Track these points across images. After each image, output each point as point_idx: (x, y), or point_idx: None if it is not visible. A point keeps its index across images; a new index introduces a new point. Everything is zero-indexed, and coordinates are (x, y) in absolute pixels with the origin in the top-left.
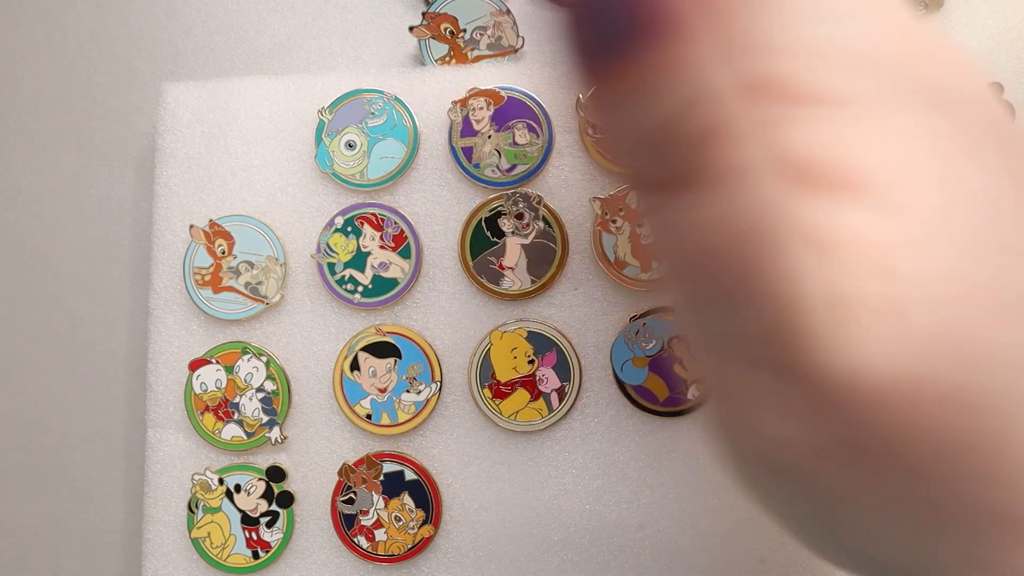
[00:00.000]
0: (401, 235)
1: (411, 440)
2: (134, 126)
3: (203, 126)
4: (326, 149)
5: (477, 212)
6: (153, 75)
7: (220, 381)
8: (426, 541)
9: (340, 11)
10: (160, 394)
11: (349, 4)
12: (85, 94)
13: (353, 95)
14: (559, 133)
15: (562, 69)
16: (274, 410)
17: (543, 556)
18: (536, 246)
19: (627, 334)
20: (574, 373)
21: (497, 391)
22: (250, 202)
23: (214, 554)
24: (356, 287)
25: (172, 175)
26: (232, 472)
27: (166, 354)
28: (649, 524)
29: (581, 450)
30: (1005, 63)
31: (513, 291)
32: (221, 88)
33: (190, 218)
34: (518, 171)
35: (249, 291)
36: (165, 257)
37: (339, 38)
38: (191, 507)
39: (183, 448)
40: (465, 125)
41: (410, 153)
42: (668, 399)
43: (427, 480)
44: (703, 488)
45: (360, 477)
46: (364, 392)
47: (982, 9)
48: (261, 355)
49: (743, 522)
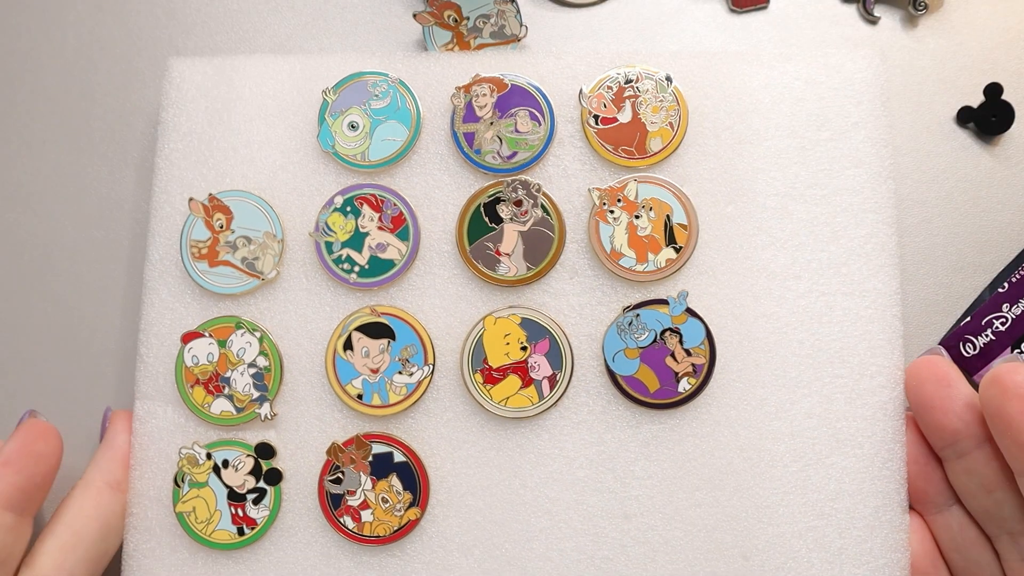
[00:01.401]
0: (400, 217)
1: (401, 422)
2: (136, 104)
3: (207, 101)
4: (329, 129)
5: (476, 197)
6: (154, 73)
7: (212, 355)
8: (412, 524)
9: (344, 6)
10: (151, 365)
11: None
12: (87, 74)
13: (358, 76)
14: (561, 123)
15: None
16: (265, 386)
17: (528, 543)
18: (533, 234)
19: (620, 325)
20: (566, 361)
21: (489, 376)
22: (251, 178)
23: (198, 529)
24: (353, 267)
25: (174, 148)
26: (220, 447)
27: (158, 325)
28: (635, 515)
29: (570, 439)
30: (1005, 63)
31: (509, 277)
32: (227, 65)
33: (190, 191)
34: (519, 158)
35: (245, 266)
36: (163, 229)
37: (344, 26)
38: (177, 481)
39: (172, 421)
40: (468, 111)
41: (412, 136)
42: (659, 391)
43: (416, 462)
44: (690, 481)
45: (349, 457)
46: (356, 372)
47: (982, 9)
48: (255, 330)
49: (729, 517)
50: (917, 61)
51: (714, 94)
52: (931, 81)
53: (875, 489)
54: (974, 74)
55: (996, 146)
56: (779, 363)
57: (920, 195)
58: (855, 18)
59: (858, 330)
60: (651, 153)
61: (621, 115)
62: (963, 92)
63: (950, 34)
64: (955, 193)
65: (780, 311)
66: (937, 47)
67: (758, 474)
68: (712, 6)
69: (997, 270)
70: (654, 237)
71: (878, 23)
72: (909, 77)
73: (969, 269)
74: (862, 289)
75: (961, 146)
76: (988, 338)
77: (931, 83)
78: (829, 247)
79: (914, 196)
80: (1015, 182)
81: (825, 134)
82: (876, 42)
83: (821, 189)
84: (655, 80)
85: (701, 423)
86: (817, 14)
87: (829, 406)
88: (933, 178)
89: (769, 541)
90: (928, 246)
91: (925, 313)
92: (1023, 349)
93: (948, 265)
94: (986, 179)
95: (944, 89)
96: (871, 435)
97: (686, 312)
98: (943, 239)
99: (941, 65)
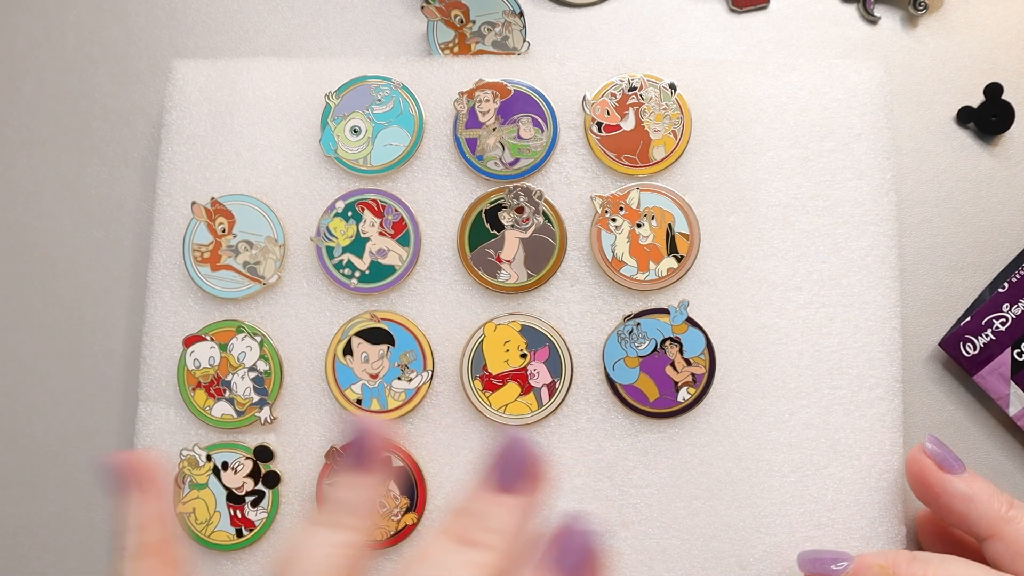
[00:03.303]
0: (401, 222)
1: (399, 427)
2: (137, 104)
3: (210, 104)
4: (331, 133)
5: (478, 204)
6: (154, 74)
7: (213, 358)
8: (409, 528)
9: (344, 6)
10: (154, 368)
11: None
12: (87, 74)
13: (361, 81)
14: (563, 129)
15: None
16: (265, 390)
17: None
18: (535, 241)
19: (620, 333)
20: (565, 369)
21: (488, 383)
22: (253, 182)
23: (198, 530)
24: (353, 272)
25: (177, 152)
26: (220, 450)
27: (161, 328)
28: (633, 523)
29: (569, 447)
30: (1005, 63)
31: (509, 284)
32: (230, 68)
33: (192, 195)
34: (521, 165)
35: (247, 270)
36: (166, 233)
37: (345, 26)
38: (178, 482)
39: (173, 423)
40: (470, 116)
41: (414, 141)
42: (658, 400)
43: (413, 468)
44: (688, 491)
45: None
46: (355, 377)
47: (982, 9)
48: (255, 335)
49: (727, 526)
50: (917, 61)
51: (718, 103)
52: (931, 81)
53: (872, 500)
54: (974, 74)
55: (996, 146)
56: (778, 374)
57: (920, 195)
58: (855, 18)
59: (857, 342)
60: (654, 161)
61: (624, 122)
62: (963, 92)
63: (950, 34)
64: (955, 193)
65: (780, 322)
66: (937, 47)
67: (756, 484)
68: (712, 6)
69: (997, 270)
70: (656, 246)
71: (878, 23)
72: (909, 77)
73: (969, 269)
74: (862, 301)
75: (961, 146)
76: (988, 338)
77: (931, 83)
78: (830, 258)
79: (914, 196)
80: (1015, 182)
81: (828, 145)
82: (876, 42)
83: (823, 200)
84: (659, 88)
85: (700, 433)
86: (817, 14)
87: (828, 417)
88: (933, 178)
89: (766, 551)
90: (928, 246)
91: (925, 313)
92: (1023, 349)
93: (948, 265)
94: (986, 179)
95: (944, 89)
96: (869, 446)
97: (687, 322)
98: (943, 239)
99: (941, 65)
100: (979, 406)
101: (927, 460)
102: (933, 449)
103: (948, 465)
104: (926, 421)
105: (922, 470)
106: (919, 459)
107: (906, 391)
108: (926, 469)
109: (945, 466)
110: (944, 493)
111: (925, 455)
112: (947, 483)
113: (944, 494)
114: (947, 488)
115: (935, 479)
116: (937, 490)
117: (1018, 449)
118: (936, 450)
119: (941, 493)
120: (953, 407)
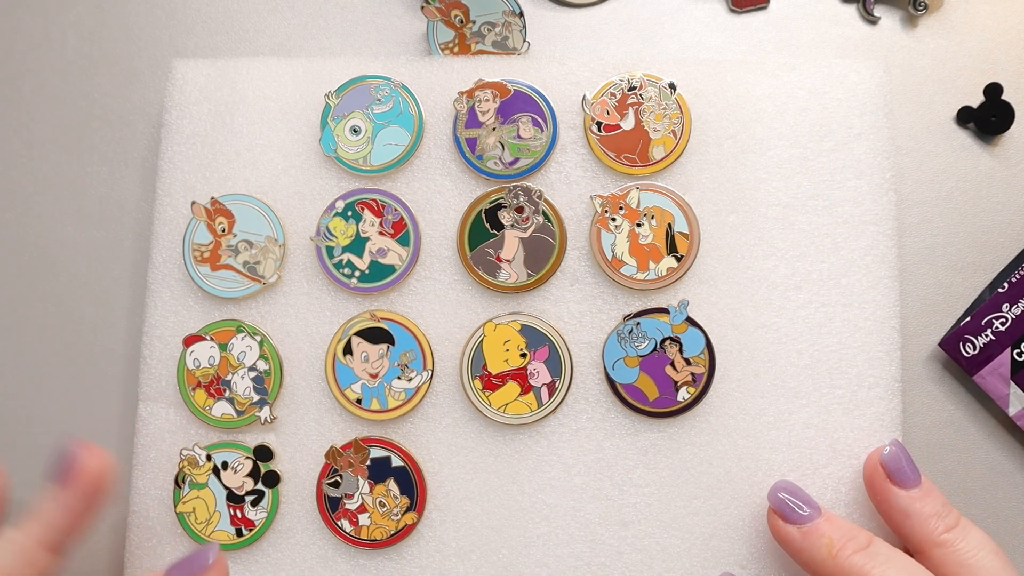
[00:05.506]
0: (401, 222)
1: (399, 427)
2: (136, 104)
3: (210, 104)
4: (331, 133)
5: (478, 203)
6: (154, 74)
7: (213, 358)
8: (409, 528)
9: (344, 6)
10: (154, 368)
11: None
12: (87, 73)
13: (360, 81)
14: (563, 129)
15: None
16: (265, 390)
17: (526, 549)
18: (534, 240)
19: (620, 333)
20: (565, 369)
21: (488, 383)
22: (253, 182)
23: (198, 529)
24: (353, 272)
25: (177, 151)
26: (220, 449)
27: (161, 328)
28: (633, 523)
29: (568, 446)
30: (1005, 63)
31: (509, 284)
32: (230, 67)
33: (192, 195)
34: (520, 165)
35: (247, 270)
36: (166, 232)
37: (345, 26)
38: (178, 482)
39: (173, 423)
40: (470, 116)
41: (414, 141)
42: (657, 399)
43: (413, 467)
44: (688, 490)
45: (347, 461)
46: (355, 376)
47: (982, 9)
48: (255, 334)
49: (726, 526)
50: (917, 61)
51: (717, 102)
52: (931, 81)
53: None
54: (974, 74)
55: (996, 146)
56: (778, 373)
57: (920, 195)
58: (855, 18)
59: (857, 341)
60: (653, 161)
61: (624, 122)
62: (963, 92)
63: (950, 34)
64: (955, 193)
65: (780, 321)
66: (937, 47)
67: (756, 483)
68: (712, 6)
69: (997, 270)
70: (655, 245)
71: (878, 23)
72: (909, 77)
73: (969, 269)
74: (861, 300)
75: (961, 146)
76: (988, 338)
77: (931, 83)
78: (830, 258)
79: (914, 196)
80: (1015, 182)
81: (828, 144)
82: (876, 42)
83: (823, 200)
84: (659, 87)
85: (699, 432)
86: (817, 14)
87: (827, 417)
88: (933, 178)
89: (766, 550)
90: (928, 246)
91: (925, 313)
92: (1023, 349)
93: (948, 265)
94: (986, 179)
95: (944, 89)
96: (868, 446)
97: (686, 321)
98: (943, 239)
99: (941, 65)
100: (979, 406)
101: (879, 467)
102: (887, 458)
103: (899, 477)
104: (926, 421)
105: (871, 475)
106: (874, 462)
107: (906, 391)
108: (875, 475)
109: (895, 477)
110: (884, 503)
111: (879, 461)
112: (889, 495)
113: (884, 503)
114: (887, 499)
115: (880, 487)
116: (879, 498)
117: (1018, 449)
118: (890, 460)
119: (882, 502)
120: (953, 407)
